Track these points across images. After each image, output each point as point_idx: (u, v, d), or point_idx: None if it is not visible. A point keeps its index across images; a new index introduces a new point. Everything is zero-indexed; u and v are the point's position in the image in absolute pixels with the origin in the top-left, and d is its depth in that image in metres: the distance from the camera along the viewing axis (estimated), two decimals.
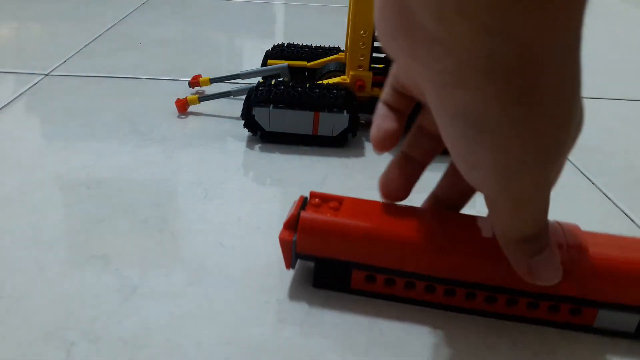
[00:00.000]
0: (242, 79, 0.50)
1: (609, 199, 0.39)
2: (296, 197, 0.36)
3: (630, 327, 0.26)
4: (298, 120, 0.41)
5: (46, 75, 0.55)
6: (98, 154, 0.40)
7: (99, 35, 0.69)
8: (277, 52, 0.52)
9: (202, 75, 0.51)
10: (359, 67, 0.43)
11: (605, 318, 0.25)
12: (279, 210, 0.35)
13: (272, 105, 0.41)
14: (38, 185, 0.36)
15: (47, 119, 0.46)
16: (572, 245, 0.25)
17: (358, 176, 0.39)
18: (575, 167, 0.43)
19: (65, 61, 0.59)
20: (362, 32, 0.41)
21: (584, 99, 0.29)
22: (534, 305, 0.26)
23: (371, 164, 0.41)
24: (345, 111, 0.41)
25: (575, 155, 0.45)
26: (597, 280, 0.24)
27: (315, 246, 0.26)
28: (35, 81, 0.53)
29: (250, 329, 0.25)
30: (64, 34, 0.70)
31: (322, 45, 0.53)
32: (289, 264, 0.27)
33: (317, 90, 0.42)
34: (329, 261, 0.27)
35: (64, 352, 0.23)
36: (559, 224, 0.26)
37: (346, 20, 0.44)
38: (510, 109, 0.17)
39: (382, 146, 0.26)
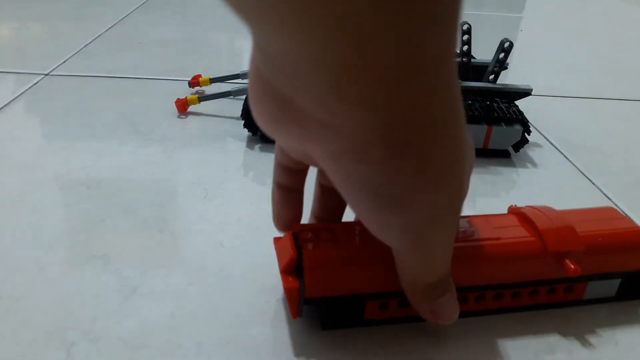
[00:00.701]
0: (242, 79, 0.50)
1: (609, 199, 0.39)
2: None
3: (612, 292, 0.28)
4: None
5: (46, 75, 0.55)
6: (98, 154, 0.40)
7: (99, 35, 0.69)
8: None
9: (202, 75, 0.51)
10: None
11: (593, 289, 0.27)
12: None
13: None
14: (38, 185, 0.36)
15: (47, 119, 0.46)
16: (563, 228, 0.26)
17: None
18: (575, 167, 0.43)
19: (65, 61, 0.59)
20: None
21: (584, 99, 0.29)
22: (535, 292, 0.27)
23: None
24: None
25: (575, 155, 0.45)
26: (589, 257, 0.26)
27: (326, 287, 0.24)
28: (35, 81, 0.53)
29: (250, 329, 0.25)
30: (64, 34, 0.70)
31: None
32: (297, 313, 0.24)
33: None
34: (341, 299, 0.24)
35: (64, 352, 0.23)
36: (537, 209, 0.27)
37: None
38: (414, 176, 0.18)
39: (285, 230, 0.26)
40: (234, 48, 0.71)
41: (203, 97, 0.48)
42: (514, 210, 0.28)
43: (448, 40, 0.16)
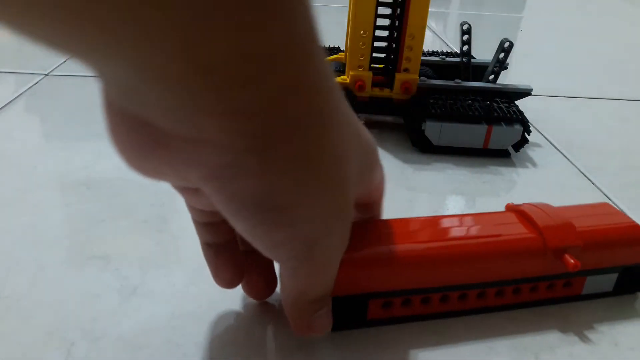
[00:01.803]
0: None
1: (609, 199, 0.39)
2: None
3: (609, 287, 0.28)
4: None
5: (46, 75, 0.55)
6: (98, 154, 0.40)
7: None
8: None
9: None
10: (359, 67, 0.43)
11: (592, 284, 0.28)
12: None
13: None
14: (38, 185, 0.36)
15: (47, 119, 0.46)
16: (562, 224, 0.26)
17: None
18: (575, 167, 0.43)
19: (65, 61, 0.59)
20: (362, 32, 0.41)
21: (584, 99, 0.29)
22: (535, 288, 0.27)
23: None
24: None
25: (575, 155, 0.45)
26: (588, 252, 0.26)
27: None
28: (35, 81, 0.53)
29: (251, 329, 0.25)
30: None
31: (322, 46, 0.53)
32: None
33: None
34: (343, 299, 0.24)
35: (64, 352, 0.23)
36: (535, 206, 0.28)
37: (346, 20, 0.44)
38: (296, 185, 0.17)
39: (230, 288, 0.25)
40: None
41: None
42: (512, 208, 0.28)
43: (301, 35, 0.15)
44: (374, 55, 0.43)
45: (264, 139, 0.16)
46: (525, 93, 0.46)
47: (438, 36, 0.81)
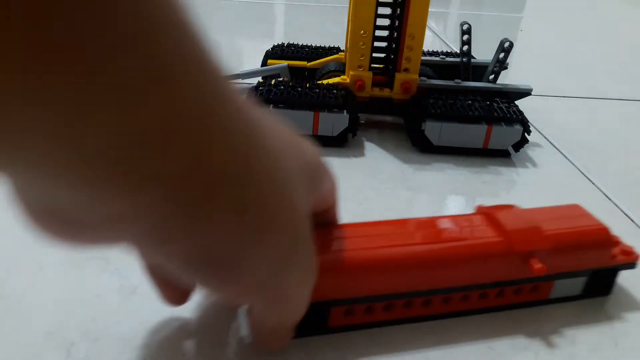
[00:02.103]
0: (242, 79, 0.50)
1: (609, 199, 0.39)
2: None
3: (577, 290, 0.28)
4: (298, 120, 0.41)
5: None
6: None
7: None
8: (277, 52, 0.52)
9: None
10: (359, 67, 0.43)
11: (559, 288, 0.27)
12: None
13: (271, 105, 0.41)
14: None
15: None
16: (529, 227, 0.26)
17: (358, 176, 0.39)
18: (575, 167, 0.43)
19: None
20: (362, 32, 0.41)
21: (584, 99, 0.29)
22: (502, 293, 0.27)
23: (371, 164, 0.41)
24: (345, 111, 0.41)
25: (575, 155, 0.45)
26: (555, 256, 0.26)
27: None
28: None
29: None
30: None
31: (322, 45, 0.53)
32: None
33: (317, 90, 0.42)
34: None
35: (64, 352, 0.23)
36: (492, 208, 0.27)
37: (346, 20, 0.44)
38: (236, 234, 0.16)
39: (179, 305, 0.24)
40: (234, 48, 0.71)
41: None
42: (481, 211, 0.28)
43: (197, 96, 0.14)
44: (374, 55, 0.43)
45: (183, 203, 0.14)
46: (525, 93, 0.46)
47: (438, 36, 0.81)
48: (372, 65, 0.43)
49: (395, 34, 0.42)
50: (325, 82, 0.44)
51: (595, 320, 0.27)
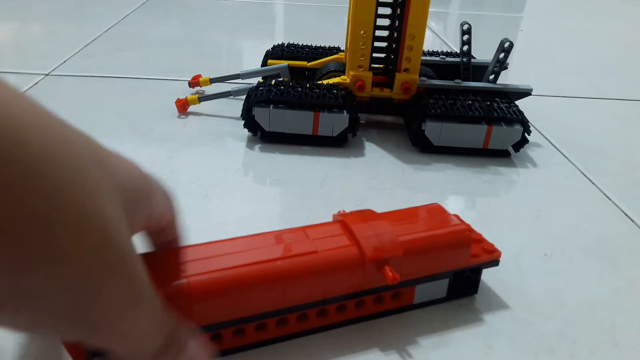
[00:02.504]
0: (242, 79, 0.50)
1: (609, 199, 0.39)
2: (296, 197, 0.36)
3: (442, 293, 0.27)
4: (298, 120, 0.41)
5: (46, 75, 0.55)
6: None
7: (99, 36, 0.69)
8: (277, 52, 0.52)
9: (202, 76, 0.51)
10: (359, 67, 0.43)
11: (423, 292, 0.27)
12: (279, 210, 0.35)
13: (272, 105, 0.41)
14: None
15: None
16: (381, 232, 0.25)
17: (358, 176, 0.39)
18: (575, 167, 0.43)
19: (65, 61, 0.59)
20: (362, 32, 0.41)
21: (584, 99, 0.29)
22: (362, 303, 0.26)
23: (371, 164, 0.41)
24: (345, 111, 0.41)
25: (575, 155, 0.45)
26: (411, 260, 0.25)
27: None
28: (36, 81, 0.53)
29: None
30: (64, 34, 0.70)
31: (322, 46, 0.53)
32: None
33: (317, 90, 0.42)
34: None
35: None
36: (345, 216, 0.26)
37: (346, 20, 0.44)
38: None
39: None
40: (234, 48, 0.71)
41: (203, 97, 0.48)
42: (337, 218, 0.27)
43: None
44: (374, 55, 0.43)
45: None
46: (525, 93, 0.46)
47: (438, 36, 0.81)
48: (372, 65, 0.43)
49: (396, 34, 0.42)
50: (325, 82, 0.44)
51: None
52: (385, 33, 0.43)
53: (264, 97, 0.41)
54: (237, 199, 0.36)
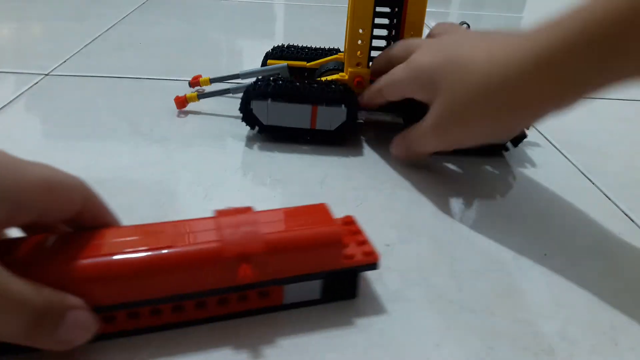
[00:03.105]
0: (242, 78, 0.50)
1: (609, 199, 0.39)
2: (296, 197, 0.36)
3: (316, 294, 0.26)
4: (296, 114, 0.41)
5: (46, 75, 0.55)
6: (98, 154, 0.40)
7: (99, 35, 0.69)
8: (277, 53, 0.52)
9: (202, 76, 0.51)
10: (357, 64, 0.43)
11: (292, 292, 0.26)
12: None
13: (270, 99, 0.41)
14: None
15: (47, 119, 0.46)
16: (245, 229, 0.24)
17: (358, 176, 0.39)
18: (576, 167, 0.43)
19: (65, 61, 0.59)
20: (360, 30, 0.41)
21: (585, 99, 0.29)
22: (224, 300, 0.25)
23: (371, 164, 0.41)
24: (343, 105, 0.41)
25: (576, 155, 0.45)
26: (276, 260, 0.24)
27: None
28: (35, 81, 0.53)
29: (250, 329, 0.25)
30: (64, 34, 0.70)
31: (322, 47, 0.53)
32: None
33: (316, 84, 0.42)
34: None
35: (64, 352, 0.23)
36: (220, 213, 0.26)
37: (345, 20, 0.44)
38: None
39: None
40: (234, 48, 0.71)
41: (202, 95, 0.48)
42: (216, 214, 0.26)
43: None
44: (373, 53, 0.43)
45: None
46: None
47: None
48: (371, 63, 0.43)
49: (394, 32, 0.42)
50: (324, 79, 0.44)
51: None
52: (384, 32, 0.43)
53: (263, 91, 0.41)
54: (237, 199, 0.36)
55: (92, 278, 0.22)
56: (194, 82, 0.51)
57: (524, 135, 0.42)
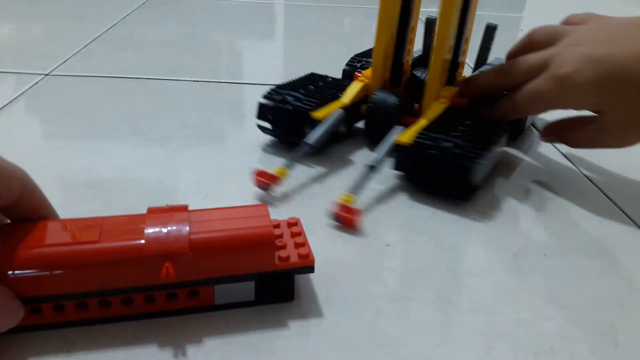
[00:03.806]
0: (314, 144, 0.39)
1: (610, 199, 0.39)
2: (296, 197, 0.36)
3: (250, 296, 0.26)
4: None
5: (46, 75, 0.55)
6: (98, 154, 0.40)
7: (99, 35, 0.69)
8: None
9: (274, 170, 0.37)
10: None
11: (224, 293, 0.26)
12: (279, 211, 0.35)
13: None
14: (39, 185, 0.36)
15: (47, 119, 0.46)
16: (171, 228, 0.24)
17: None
18: (576, 167, 0.43)
19: (65, 61, 0.59)
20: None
21: None
22: (151, 298, 0.25)
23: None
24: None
25: (576, 155, 0.45)
26: (203, 259, 0.24)
27: None
28: (35, 81, 0.53)
29: (251, 329, 0.25)
30: (64, 34, 0.70)
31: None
32: None
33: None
34: None
35: (64, 352, 0.23)
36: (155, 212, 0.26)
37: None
38: None
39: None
40: (234, 48, 0.71)
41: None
42: (149, 211, 0.26)
43: None
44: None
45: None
46: None
47: None
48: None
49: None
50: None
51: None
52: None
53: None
54: (237, 199, 0.36)
55: (15, 268, 0.22)
56: (264, 182, 0.36)
57: (522, 129, 0.43)
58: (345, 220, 0.33)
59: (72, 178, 0.37)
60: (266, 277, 0.26)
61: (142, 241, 0.24)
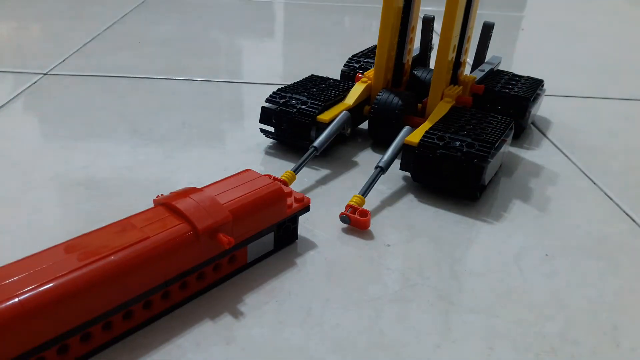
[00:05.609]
0: (319, 147, 0.39)
1: (610, 198, 0.39)
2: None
3: (270, 246, 0.30)
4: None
5: (45, 74, 0.55)
6: (97, 153, 0.40)
7: (98, 35, 0.69)
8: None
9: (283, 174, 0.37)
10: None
11: (254, 250, 0.29)
12: None
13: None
14: (37, 185, 0.36)
15: (45, 118, 0.46)
16: (207, 204, 0.26)
17: (358, 177, 0.39)
18: (577, 167, 0.43)
19: (64, 60, 0.59)
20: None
21: (586, 99, 0.29)
22: (203, 275, 0.27)
23: (371, 164, 0.41)
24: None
25: (576, 155, 0.45)
26: (240, 224, 0.27)
27: None
28: (34, 80, 0.53)
29: (251, 329, 0.25)
30: (63, 33, 0.70)
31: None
32: None
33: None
34: None
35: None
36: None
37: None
38: None
39: None
40: (234, 48, 0.70)
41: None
42: (159, 202, 0.27)
43: None
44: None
45: None
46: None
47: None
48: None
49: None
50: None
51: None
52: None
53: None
54: None
55: None
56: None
57: (523, 127, 0.43)
58: (357, 222, 0.33)
59: (70, 177, 0.37)
60: (281, 226, 0.30)
61: (185, 224, 0.25)
